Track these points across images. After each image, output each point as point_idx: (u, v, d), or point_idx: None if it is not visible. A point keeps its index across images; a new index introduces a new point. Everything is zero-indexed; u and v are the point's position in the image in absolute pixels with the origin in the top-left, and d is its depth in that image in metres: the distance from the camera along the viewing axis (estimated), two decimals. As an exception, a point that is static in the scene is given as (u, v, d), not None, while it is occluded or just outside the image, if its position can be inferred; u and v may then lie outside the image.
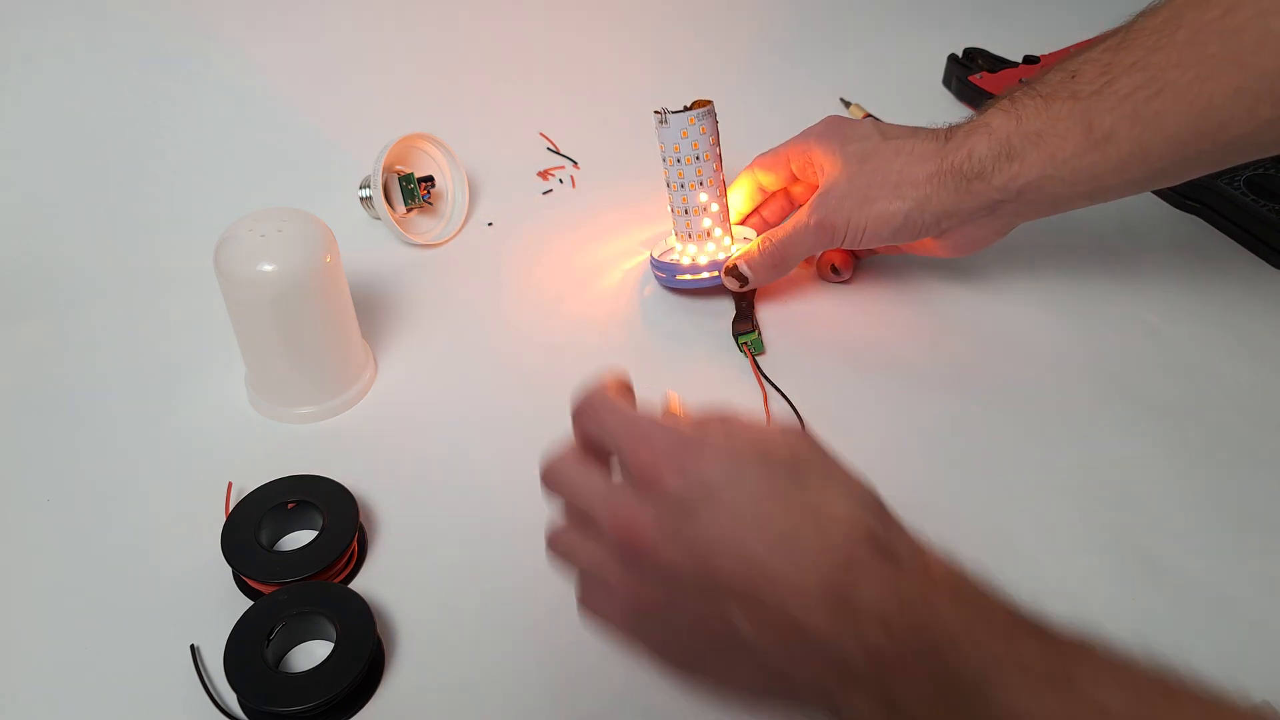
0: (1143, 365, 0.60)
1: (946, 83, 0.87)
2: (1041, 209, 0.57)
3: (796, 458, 0.33)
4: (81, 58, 0.81)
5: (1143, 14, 0.51)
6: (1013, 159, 0.54)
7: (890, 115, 0.80)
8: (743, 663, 0.33)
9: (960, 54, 0.86)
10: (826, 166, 0.60)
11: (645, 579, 0.34)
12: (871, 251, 0.67)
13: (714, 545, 0.32)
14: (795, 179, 0.65)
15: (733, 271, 0.62)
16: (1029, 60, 0.84)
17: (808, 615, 0.30)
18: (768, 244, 0.61)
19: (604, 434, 0.36)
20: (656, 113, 0.60)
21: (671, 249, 0.66)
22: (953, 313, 0.64)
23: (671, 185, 0.62)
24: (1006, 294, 0.65)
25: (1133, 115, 0.50)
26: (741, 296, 0.64)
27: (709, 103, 0.61)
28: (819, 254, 0.66)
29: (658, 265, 0.65)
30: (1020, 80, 0.82)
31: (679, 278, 0.63)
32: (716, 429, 0.34)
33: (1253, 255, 0.68)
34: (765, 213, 0.67)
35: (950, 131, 0.57)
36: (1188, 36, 0.48)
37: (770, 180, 0.65)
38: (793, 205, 0.66)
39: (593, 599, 0.36)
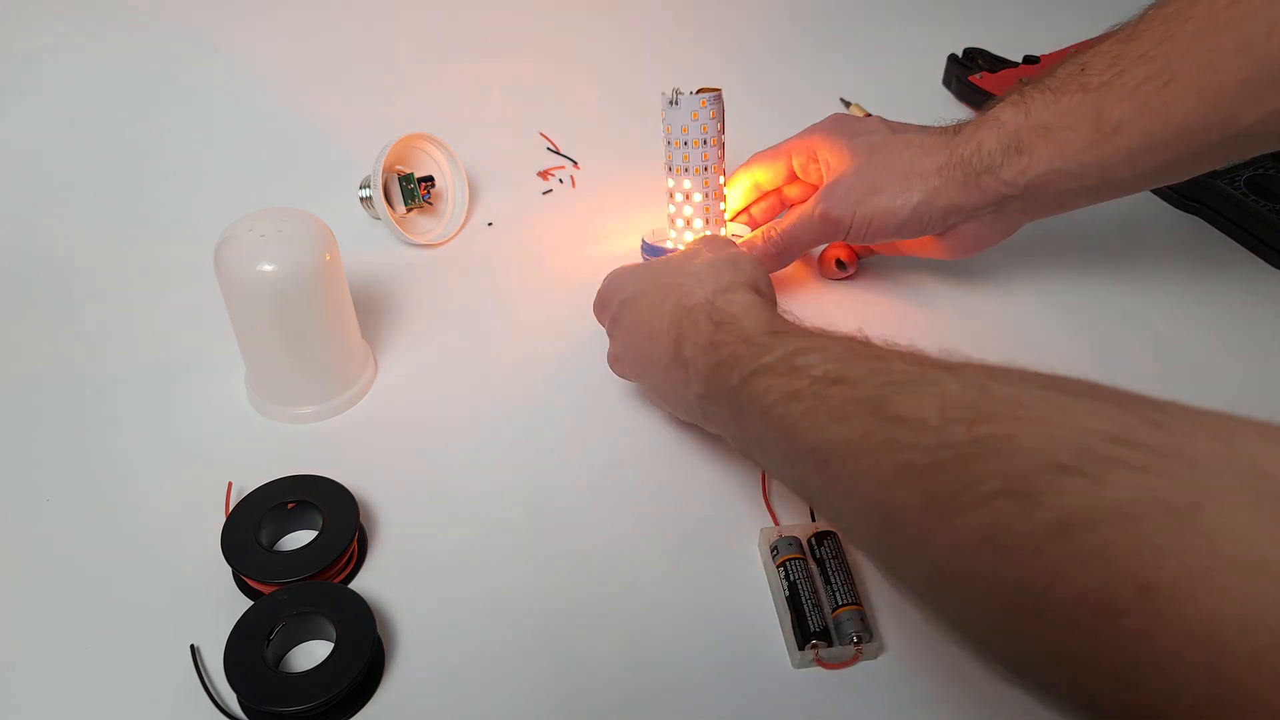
0: (1143, 365, 0.60)
1: (946, 83, 0.87)
2: (1048, 206, 0.57)
3: (679, 259, 0.52)
4: (82, 58, 0.81)
5: (1153, 5, 0.51)
6: (1021, 152, 0.54)
7: (890, 115, 0.80)
8: (672, 407, 0.52)
9: (960, 54, 0.86)
10: (833, 160, 0.60)
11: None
12: (871, 250, 0.67)
13: (624, 355, 0.53)
14: (794, 177, 0.65)
15: None
16: (1029, 60, 0.84)
17: (670, 380, 0.47)
18: (771, 233, 0.60)
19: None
20: (666, 94, 0.60)
21: (665, 235, 0.65)
22: (953, 312, 0.64)
23: (674, 170, 0.61)
24: (1007, 293, 0.65)
25: (1142, 107, 0.50)
26: None
27: (718, 89, 0.60)
28: (822, 249, 0.66)
29: (650, 250, 0.64)
30: (1022, 80, 0.83)
31: None
32: (652, 264, 0.54)
33: (1253, 255, 0.68)
34: (755, 211, 0.67)
35: (959, 126, 0.57)
36: (1197, 27, 0.48)
37: (768, 178, 0.65)
38: (784, 207, 0.66)
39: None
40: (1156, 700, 0.24)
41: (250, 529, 0.48)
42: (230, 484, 0.53)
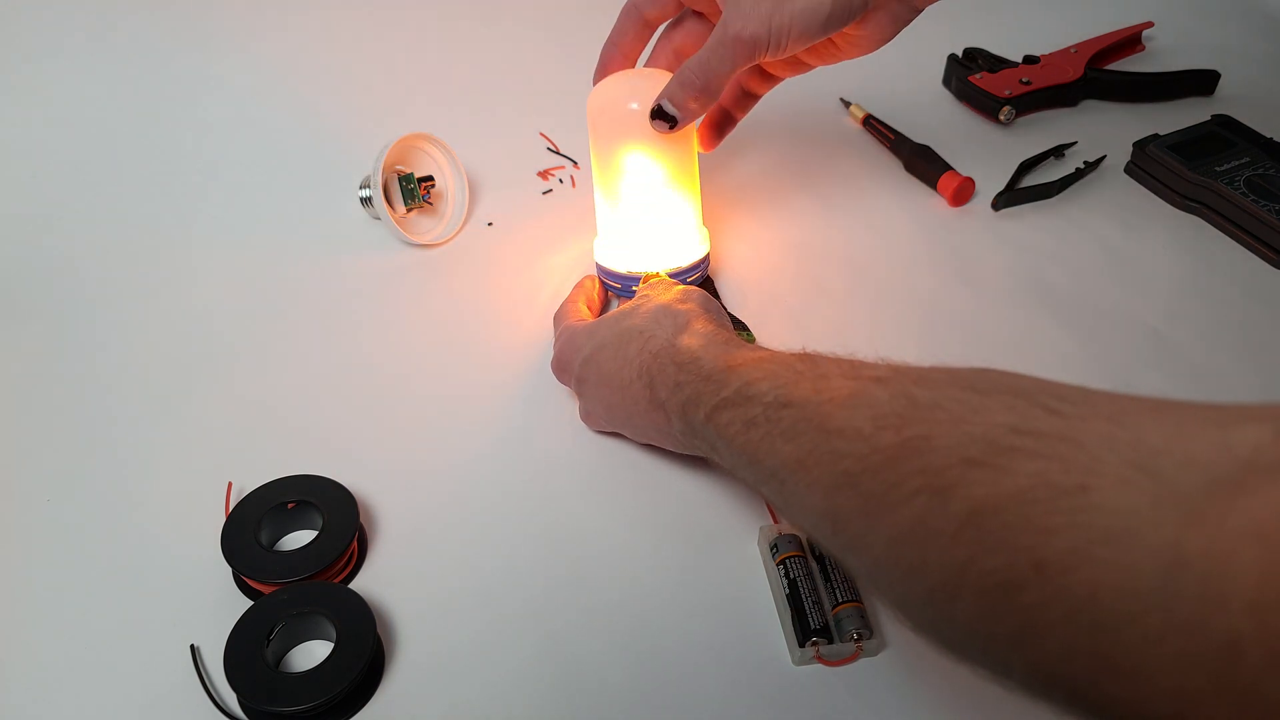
0: (1143, 365, 0.60)
1: (946, 83, 0.86)
2: None
3: (628, 308, 0.53)
4: (83, 59, 0.81)
5: None
6: None
7: (890, 115, 0.80)
8: (661, 445, 0.53)
9: (960, 54, 0.86)
10: None
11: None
12: (775, 76, 0.61)
13: (596, 409, 0.54)
14: (680, 4, 0.58)
15: (658, 114, 0.55)
16: (1029, 60, 0.84)
17: (653, 423, 0.49)
18: (685, 72, 0.54)
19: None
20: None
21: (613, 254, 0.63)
22: (952, 312, 0.64)
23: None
24: (1006, 294, 0.65)
25: None
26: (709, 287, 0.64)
27: None
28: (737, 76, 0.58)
29: (609, 275, 0.63)
30: (1021, 80, 0.82)
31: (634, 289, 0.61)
32: (602, 320, 0.54)
33: (1253, 255, 0.68)
34: (677, 42, 0.60)
35: None
36: None
37: (656, 12, 0.59)
38: (703, 20, 0.59)
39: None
40: (1055, 664, 0.27)
41: (250, 529, 0.48)
42: (230, 484, 0.53)
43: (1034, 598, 0.27)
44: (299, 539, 0.51)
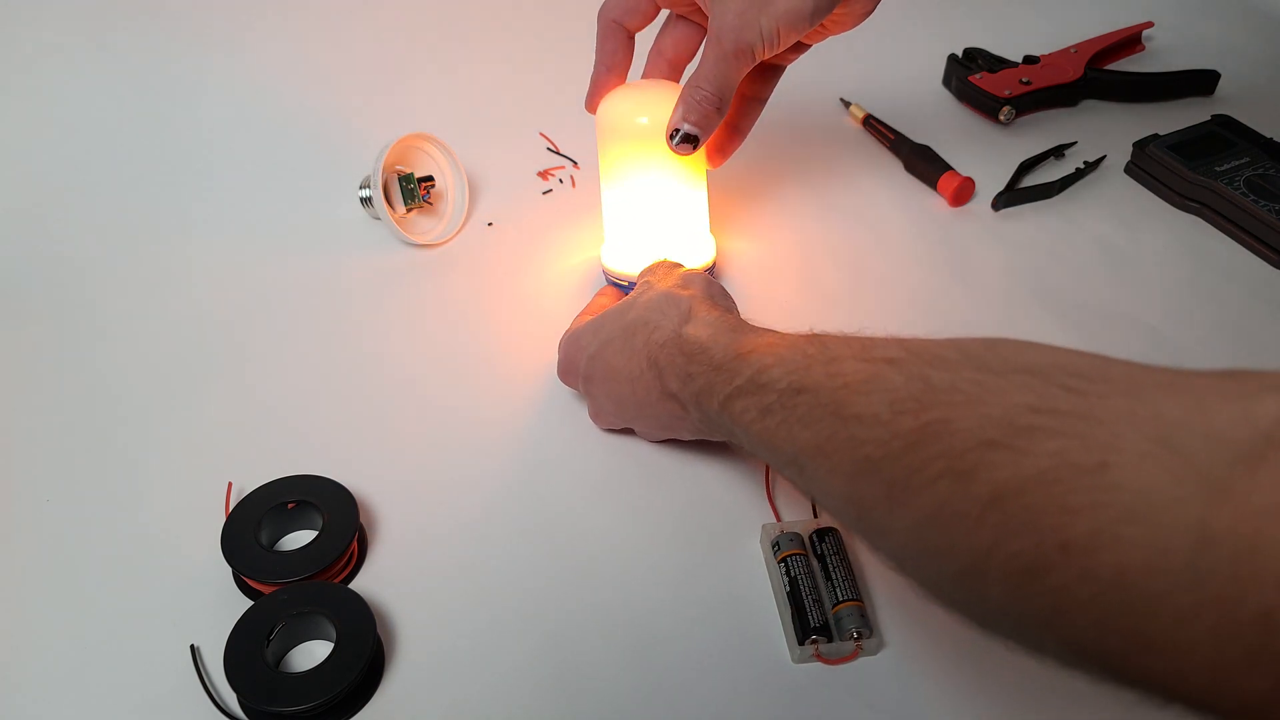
0: (1143, 365, 0.60)
1: (946, 83, 0.86)
2: None
3: (629, 300, 0.53)
4: (83, 59, 0.81)
5: None
6: None
7: (890, 115, 0.80)
8: (676, 434, 0.53)
9: (960, 54, 0.86)
10: None
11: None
12: (775, 76, 0.61)
13: (607, 405, 0.54)
14: (656, 8, 0.58)
15: (678, 137, 0.55)
16: (1029, 60, 0.84)
17: (667, 414, 0.50)
18: (695, 90, 0.54)
19: None
20: None
21: (618, 256, 0.63)
22: (952, 312, 0.64)
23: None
24: (1006, 294, 0.65)
25: None
26: None
27: None
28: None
29: (618, 280, 0.63)
30: (1021, 80, 0.82)
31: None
32: (605, 315, 0.54)
33: (1253, 255, 0.68)
34: (669, 53, 0.60)
35: None
36: None
37: (637, 21, 0.59)
38: (688, 23, 0.59)
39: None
40: (1088, 641, 0.27)
41: (250, 529, 0.48)
42: (230, 484, 0.53)
43: (1061, 579, 0.27)
44: (299, 539, 0.51)
